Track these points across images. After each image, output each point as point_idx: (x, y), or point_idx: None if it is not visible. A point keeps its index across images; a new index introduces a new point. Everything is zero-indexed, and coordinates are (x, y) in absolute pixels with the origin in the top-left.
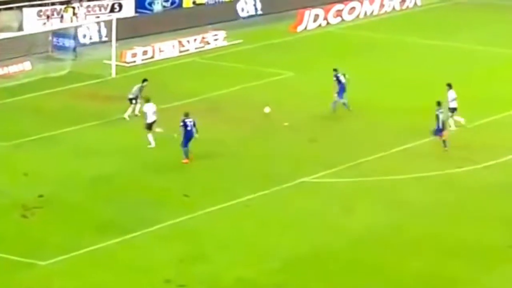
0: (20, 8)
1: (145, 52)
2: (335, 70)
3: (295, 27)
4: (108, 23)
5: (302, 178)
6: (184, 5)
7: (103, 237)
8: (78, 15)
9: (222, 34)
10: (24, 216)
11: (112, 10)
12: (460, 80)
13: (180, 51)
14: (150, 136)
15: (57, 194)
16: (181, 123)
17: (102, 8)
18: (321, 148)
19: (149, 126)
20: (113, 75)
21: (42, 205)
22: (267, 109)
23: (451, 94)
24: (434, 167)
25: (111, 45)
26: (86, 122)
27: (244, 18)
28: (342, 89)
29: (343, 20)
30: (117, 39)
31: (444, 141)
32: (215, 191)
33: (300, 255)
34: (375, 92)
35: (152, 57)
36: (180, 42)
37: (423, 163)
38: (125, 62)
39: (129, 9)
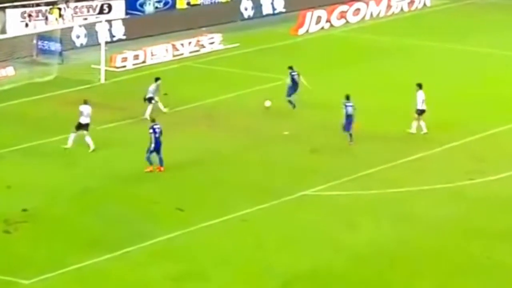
0: (3, 9)
1: (136, 56)
2: (290, 68)
3: (296, 30)
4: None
5: (303, 191)
6: (178, 5)
7: (91, 253)
8: (64, 16)
9: (218, 37)
10: (7, 232)
11: (101, 11)
12: (473, 86)
13: (174, 55)
14: (88, 139)
15: (42, 208)
16: (150, 130)
17: (91, 9)
18: (323, 159)
19: (80, 126)
20: (102, 80)
21: (27, 219)
22: (267, 103)
23: (420, 95)
24: (443, 179)
25: (100, 49)
26: (70, 131)
27: (242, 20)
28: (293, 88)
29: (347, 22)
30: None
31: (350, 135)
32: (210, 205)
33: (300, 272)
34: (381, 99)
35: (144, 61)
36: (173, 45)
37: (432, 175)
38: (115, 67)
39: (119, 11)
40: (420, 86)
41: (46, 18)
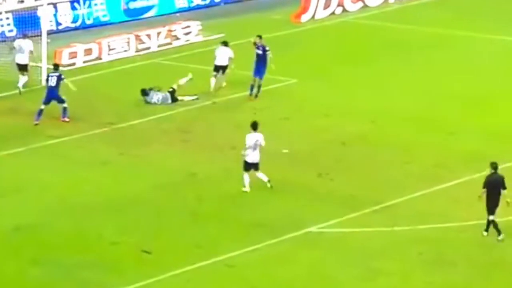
0: None
1: (88, 51)
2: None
3: (299, 16)
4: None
5: (308, 227)
6: None
7: None
8: None
9: (195, 25)
10: None
11: None
12: None
13: (138, 50)
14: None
15: None
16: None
17: None
18: (334, 185)
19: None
20: (44, 82)
21: None
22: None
23: (224, 52)
24: None
25: (40, 41)
26: (3, 149)
27: (227, 2)
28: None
29: (365, 6)
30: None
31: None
32: (185, 246)
33: None
34: (412, 107)
35: (99, 57)
36: (137, 36)
37: (477, 206)
38: (61, 65)
39: None
40: (225, 43)
41: None
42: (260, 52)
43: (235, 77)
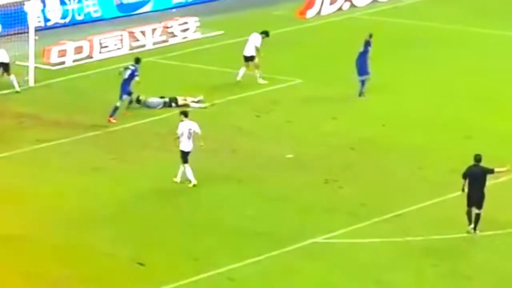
0: None
1: (79, 49)
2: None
3: (304, 12)
4: None
5: (313, 237)
6: None
7: None
8: None
9: (193, 22)
10: None
11: None
12: None
13: (132, 47)
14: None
15: None
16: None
17: None
18: (342, 192)
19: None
20: (31, 83)
21: None
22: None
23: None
24: None
25: (27, 39)
26: None
27: None
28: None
29: (374, 1)
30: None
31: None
32: (181, 258)
33: None
34: (425, 109)
35: (90, 56)
36: (131, 33)
37: (498, 214)
38: (49, 64)
39: None
40: (266, 33)
41: None
42: (370, 48)
43: (234, 77)
